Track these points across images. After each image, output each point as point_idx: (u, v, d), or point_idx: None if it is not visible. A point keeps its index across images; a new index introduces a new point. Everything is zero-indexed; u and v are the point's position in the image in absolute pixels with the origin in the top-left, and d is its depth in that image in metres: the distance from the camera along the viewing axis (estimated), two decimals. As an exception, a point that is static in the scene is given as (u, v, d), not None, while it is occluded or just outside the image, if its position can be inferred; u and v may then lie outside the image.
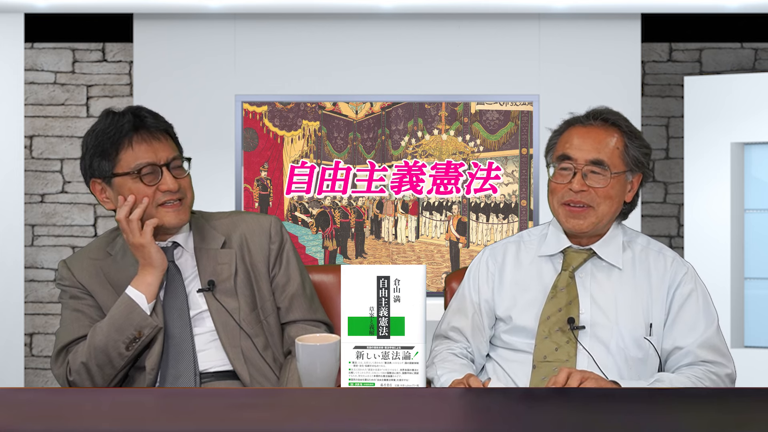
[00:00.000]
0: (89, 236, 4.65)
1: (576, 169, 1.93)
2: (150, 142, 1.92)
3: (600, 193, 1.93)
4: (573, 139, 1.96)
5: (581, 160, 1.93)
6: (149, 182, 1.92)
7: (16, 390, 1.77)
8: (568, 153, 1.95)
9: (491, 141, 4.15)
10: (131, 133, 1.91)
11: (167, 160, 1.93)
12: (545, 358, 1.92)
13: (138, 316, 1.88)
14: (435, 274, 4.16)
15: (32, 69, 4.65)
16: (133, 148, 1.91)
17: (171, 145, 1.97)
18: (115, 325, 1.88)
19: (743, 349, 4.14)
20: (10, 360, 4.07)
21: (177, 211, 1.95)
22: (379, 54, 4.22)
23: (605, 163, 1.93)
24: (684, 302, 1.95)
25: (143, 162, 1.91)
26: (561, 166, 1.96)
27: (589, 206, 1.94)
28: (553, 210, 2.00)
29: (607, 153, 1.93)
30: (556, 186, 1.97)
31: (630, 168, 1.96)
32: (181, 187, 1.95)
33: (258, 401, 1.54)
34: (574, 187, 1.93)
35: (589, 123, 1.97)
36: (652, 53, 4.70)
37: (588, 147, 1.94)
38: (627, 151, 1.95)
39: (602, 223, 1.97)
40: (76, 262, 2.02)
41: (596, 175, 1.93)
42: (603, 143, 1.94)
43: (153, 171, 1.92)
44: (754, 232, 4.23)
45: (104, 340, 1.87)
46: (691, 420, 1.42)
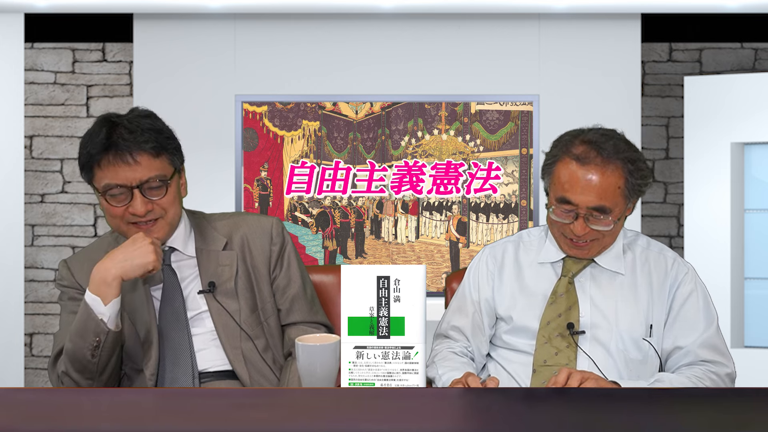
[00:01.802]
0: (89, 236, 4.65)
1: (578, 213, 1.89)
2: (118, 165, 1.86)
3: (604, 231, 1.91)
4: (571, 178, 1.87)
5: (582, 206, 1.88)
6: (117, 203, 1.89)
7: (16, 390, 1.77)
8: (568, 197, 1.88)
9: (491, 141, 4.15)
10: (100, 155, 1.86)
11: (139, 182, 1.87)
12: (545, 362, 1.92)
13: (92, 321, 1.82)
14: (435, 274, 4.16)
15: (32, 69, 4.65)
16: (102, 169, 1.87)
17: (149, 163, 1.88)
18: (78, 331, 1.84)
19: (743, 349, 4.14)
20: (10, 360, 4.07)
21: (149, 231, 1.92)
22: (379, 54, 4.22)
23: (607, 208, 1.87)
24: (684, 302, 1.95)
25: (111, 183, 1.87)
26: (561, 209, 1.91)
27: (593, 240, 1.93)
28: (554, 236, 1.99)
29: (608, 197, 1.86)
30: (555, 221, 1.94)
31: (630, 199, 1.92)
32: (153, 210, 1.90)
33: (258, 401, 1.54)
34: (577, 231, 1.89)
35: (587, 161, 1.87)
36: (652, 53, 4.70)
37: (588, 192, 1.86)
38: (627, 185, 1.88)
39: (605, 249, 1.97)
40: (76, 263, 2.02)
41: (598, 219, 1.89)
42: (603, 186, 1.86)
43: (123, 192, 1.88)
44: (754, 232, 4.23)
45: (72, 348, 1.85)
46: (691, 420, 1.42)
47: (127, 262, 1.83)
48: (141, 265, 1.83)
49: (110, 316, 1.82)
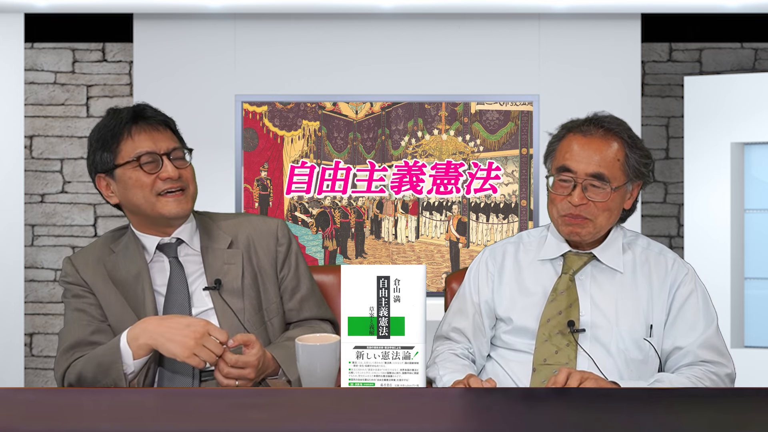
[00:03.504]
0: (89, 236, 4.65)
1: (576, 182, 1.91)
2: (149, 132, 1.94)
3: (600, 206, 1.92)
4: (573, 148, 1.93)
5: (581, 173, 1.91)
6: (149, 170, 1.93)
7: (16, 390, 1.77)
8: (567, 165, 1.92)
9: (491, 141, 4.15)
10: (130, 123, 1.94)
11: (167, 150, 1.95)
12: (545, 361, 1.92)
13: (116, 372, 1.80)
14: (435, 274, 4.16)
15: (32, 69, 4.65)
16: (132, 138, 1.93)
17: (171, 136, 1.98)
18: (100, 367, 1.83)
19: (743, 349, 4.14)
20: (10, 360, 4.07)
21: (178, 201, 1.95)
22: (379, 54, 4.22)
23: (606, 176, 1.90)
24: (684, 302, 1.95)
25: (142, 150, 1.93)
26: (560, 178, 1.94)
27: (587, 218, 1.93)
28: (552, 219, 2.00)
29: (607, 166, 1.90)
30: (555, 197, 1.95)
31: (630, 178, 1.95)
32: (182, 177, 1.96)
33: (258, 401, 1.54)
34: (573, 200, 1.91)
35: (589, 132, 1.93)
36: (652, 53, 4.70)
37: (588, 159, 1.90)
38: (627, 161, 1.92)
39: (600, 233, 1.97)
40: (80, 260, 2.02)
41: (596, 189, 1.91)
42: (603, 155, 1.90)
43: (153, 160, 1.93)
44: (754, 232, 4.23)
45: (91, 377, 1.85)
46: (691, 420, 1.42)
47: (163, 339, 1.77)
48: (171, 352, 1.76)
49: (134, 369, 1.82)
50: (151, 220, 1.98)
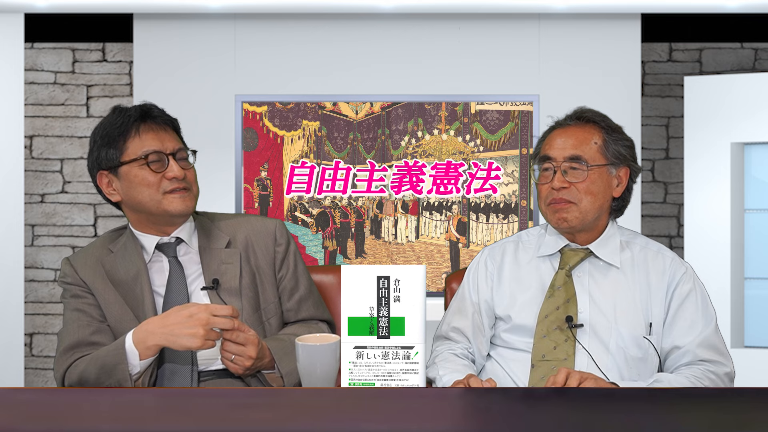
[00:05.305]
0: (89, 236, 4.65)
1: (555, 168, 1.96)
2: (156, 131, 1.96)
3: (581, 188, 1.95)
4: (553, 141, 2.00)
5: (559, 158, 1.96)
6: (156, 169, 1.94)
7: (16, 390, 1.77)
8: (547, 153, 1.99)
9: (491, 141, 4.15)
10: (138, 121, 1.95)
11: (173, 150, 1.97)
12: (544, 357, 1.92)
13: (120, 372, 1.80)
14: (435, 274, 4.16)
15: (32, 69, 4.65)
16: (140, 136, 1.95)
17: (176, 137, 2.01)
18: (104, 368, 1.84)
19: (743, 349, 4.14)
20: (10, 360, 4.07)
21: (183, 198, 1.97)
22: (379, 54, 4.22)
23: (582, 158, 1.95)
24: (683, 302, 1.95)
25: (150, 149, 1.94)
26: (543, 167, 2.00)
27: (571, 202, 1.95)
28: (542, 212, 2.03)
29: (584, 148, 1.97)
30: (540, 187, 2.01)
31: (611, 162, 1.98)
32: (186, 177, 1.98)
33: (258, 401, 1.54)
34: (554, 184, 1.96)
35: (567, 124, 2.02)
36: (652, 53, 4.70)
37: (565, 145, 1.97)
38: (606, 145, 1.98)
39: (587, 218, 1.97)
40: (79, 260, 2.02)
41: (575, 171, 1.96)
42: (580, 140, 1.97)
43: (159, 159, 1.95)
44: (754, 232, 4.23)
45: (94, 378, 1.85)
46: (691, 420, 1.42)
47: (173, 337, 1.78)
48: (184, 346, 1.78)
49: (140, 369, 1.83)
50: (153, 218, 1.98)
